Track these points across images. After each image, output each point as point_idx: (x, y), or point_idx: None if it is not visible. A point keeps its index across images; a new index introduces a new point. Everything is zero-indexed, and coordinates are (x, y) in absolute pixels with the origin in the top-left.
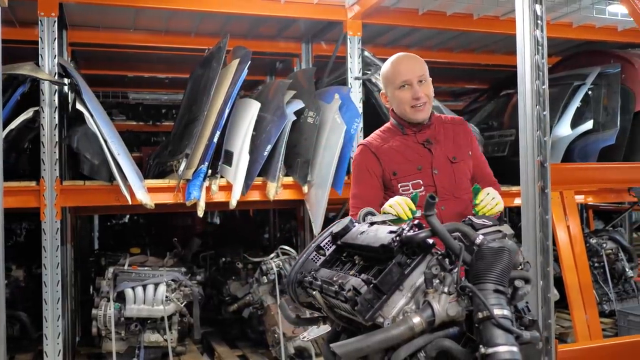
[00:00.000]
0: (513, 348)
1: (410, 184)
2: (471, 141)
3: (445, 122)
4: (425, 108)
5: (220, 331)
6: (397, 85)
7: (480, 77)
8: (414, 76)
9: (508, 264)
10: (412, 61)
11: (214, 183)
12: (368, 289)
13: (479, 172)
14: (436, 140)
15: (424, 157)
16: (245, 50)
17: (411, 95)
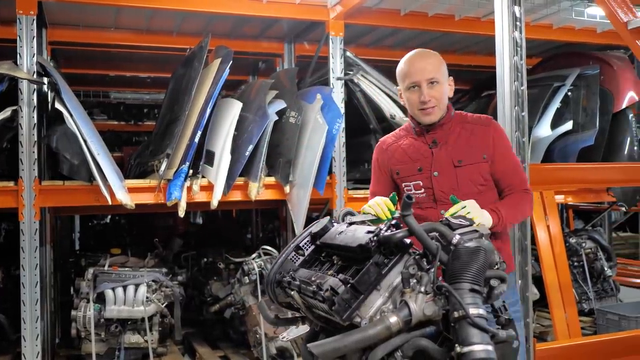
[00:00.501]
0: (488, 347)
1: (412, 185)
2: (493, 145)
3: (465, 122)
4: (434, 111)
5: (202, 332)
6: (406, 85)
7: (463, 78)
8: (423, 78)
9: (484, 264)
10: (425, 62)
11: (195, 183)
12: (345, 288)
13: (502, 179)
14: (445, 141)
15: (427, 159)
16: (226, 50)
17: (418, 98)
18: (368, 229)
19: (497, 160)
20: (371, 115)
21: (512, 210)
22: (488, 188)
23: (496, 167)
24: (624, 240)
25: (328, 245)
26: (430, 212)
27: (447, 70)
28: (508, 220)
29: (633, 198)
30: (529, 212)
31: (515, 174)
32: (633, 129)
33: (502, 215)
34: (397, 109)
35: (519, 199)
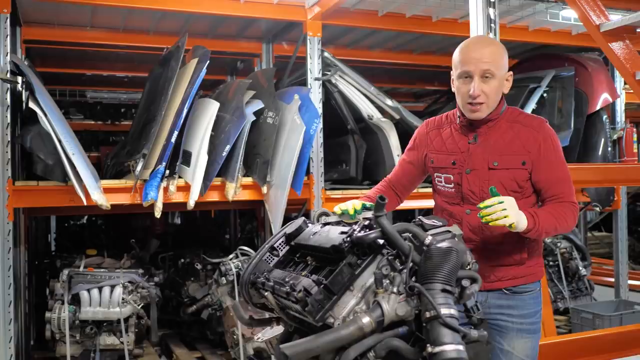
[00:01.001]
0: (459, 347)
1: (443, 177)
2: (538, 150)
3: (515, 121)
4: (482, 109)
5: (179, 333)
6: (459, 73)
7: (441, 79)
8: (478, 68)
9: (455, 264)
10: (483, 50)
11: (171, 183)
12: (318, 289)
13: (545, 189)
14: (486, 138)
15: (463, 154)
16: (204, 49)
17: (468, 91)
18: (342, 229)
19: (542, 168)
20: (349, 116)
21: (551, 219)
22: (522, 196)
23: (540, 176)
24: (598, 240)
25: (302, 246)
26: (456, 209)
27: (507, 65)
28: (544, 228)
29: (607, 198)
30: (572, 225)
31: (561, 185)
32: (607, 130)
33: (539, 222)
34: (375, 110)
35: (562, 209)
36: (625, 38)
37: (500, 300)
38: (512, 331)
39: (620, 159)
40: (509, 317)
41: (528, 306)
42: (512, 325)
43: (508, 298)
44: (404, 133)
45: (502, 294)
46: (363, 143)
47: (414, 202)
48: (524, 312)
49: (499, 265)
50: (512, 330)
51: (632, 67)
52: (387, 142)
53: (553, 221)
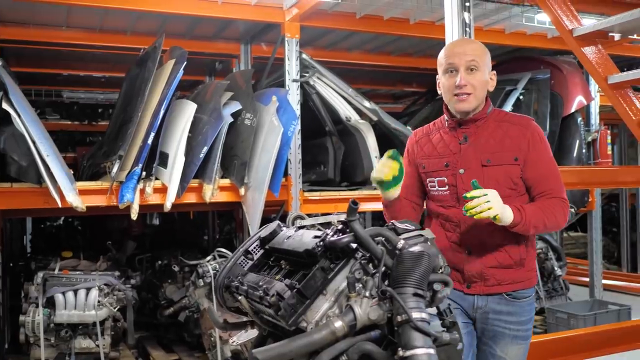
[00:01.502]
0: (430, 350)
1: (436, 181)
2: (527, 147)
3: (503, 120)
4: (469, 99)
5: (156, 335)
6: (444, 69)
7: (419, 81)
8: (462, 61)
9: (427, 268)
10: (466, 45)
11: (148, 185)
12: (291, 294)
13: (534, 185)
14: (476, 138)
15: (454, 155)
16: (181, 50)
17: (454, 83)
18: (315, 233)
19: (531, 164)
20: (327, 117)
21: (539, 214)
22: (517, 193)
23: (529, 172)
24: (574, 240)
25: (276, 250)
26: (453, 211)
27: (490, 64)
28: (532, 222)
29: (582, 200)
30: (562, 221)
31: (550, 181)
32: (581, 132)
33: (526, 216)
34: (353, 111)
35: (551, 205)
36: (597, 43)
37: (499, 306)
38: (507, 337)
39: (595, 160)
40: (506, 323)
41: (525, 313)
42: (508, 332)
43: (507, 304)
44: (382, 135)
45: (502, 299)
46: (341, 145)
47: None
48: (521, 319)
49: (499, 266)
50: (507, 336)
51: (604, 71)
52: (365, 144)
53: (541, 215)
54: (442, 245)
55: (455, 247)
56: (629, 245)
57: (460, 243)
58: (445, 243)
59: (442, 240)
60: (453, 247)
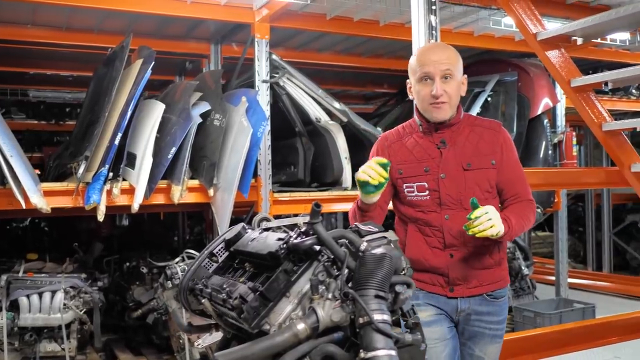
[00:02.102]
0: (391, 352)
1: (415, 186)
2: (501, 150)
3: (475, 125)
4: (444, 107)
5: (124, 338)
6: (418, 77)
7: (390, 82)
8: (437, 70)
9: (389, 270)
10: (440, 53)
11: (115, 186)
12: (254, 296)
13: (507, 188)
14: (453, 142)
15: (434, 159)
16: (149, 50)
17: (430, 92)
18: (279, 236)
19: (504, 168)
20: (297, 118)
21: (519, 220)
22: (491, 196)
23: (502, 176)
24: (542, 239)
25: (241, 252)
26: (433, 216)
27: (462, 69)
28: (515, 230)
29: (548, 200)
30: (533, 221)
31: (520, 184)
32: (548, 133)
33: (513, 226)
34: (323, 112)
35: (524, 209)
36: (560, 46)
37: (480, 307)
38: (487, 337)
39: (560, 161)
40: (487, 323)
41: (502, 312)
42: (488, 332)
43: (488, 304)
44: (352, 136)
45: (483, 300)
46: (311, 145)
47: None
48: (499, 318)
49: (481, 268)
50: (487, 336)
51: (567, 74)
52: (335, 145)
53: (521, 222)
54: (422, 251)
55: (437, 252)
56: (594, 244)
57: (443, 247)
58: (424, 248)
59: (421, 245)
60: (435, 252)
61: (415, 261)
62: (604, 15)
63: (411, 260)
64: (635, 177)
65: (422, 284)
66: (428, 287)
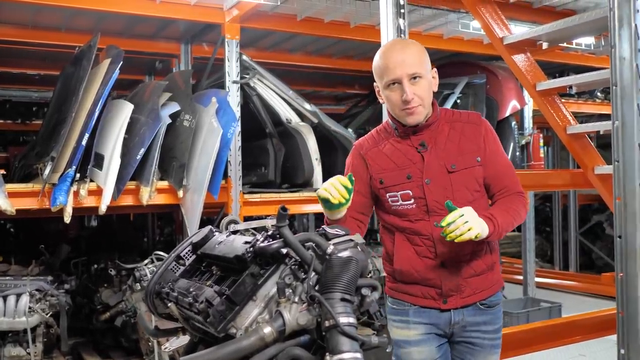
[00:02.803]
0: (357, 355)
1: (399, 195)
2: (485, 145)
3: (454, 121)
4: (418, 111)
5: (92, 341)
6: (385, 83)
7: (361, 83)
8: (404, 74)
9: (355, 273)
10: (405, 54)
11: (82, 187)
12: (220, 300)
13: (494, 183)
14: (434, 143)
15: (416, 164)
16: (117, 50)
17: (400, 97)
18: (246, 239)
19: (489, 161)
20: (267, 119)
21: (507, 217)
22: (481, 195)
23: (488, 170)
24: (510, 239)
25: (208, 256)
26: (422, 224)
27: (429, 63)
28: (504, 228)
29: None
30: (524, 215)
31: (508, 175)
32: (515, 135)
33: (499, 223)
34: (293, 114)
35: (513, 203)
36: (526, 51)
37: (475, 317)
38: (486, 348)
39: (528, 163)
40: (484, 334)
41: (498, 320)
42: (487, 342)
43: (483, 313)
44: (323, 137)
45: (477, 309)
46: (281, 146)
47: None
48: (496, 327)
49: (474, 275)
50: (486, 347)
51: (533, 78)
52: (306, 146)
53: (509, 218)
54: (412, 261)
55: (428, 262)
56: (561, 244)
57: (434, 256)
58: (414, 259)
59: (410, 255)
60: (426, 262)
61: (405, 273)
62: (568, 21)
63: (401, 272)
64: (599, 179)
65: (413, 298)
66: (419, 300)
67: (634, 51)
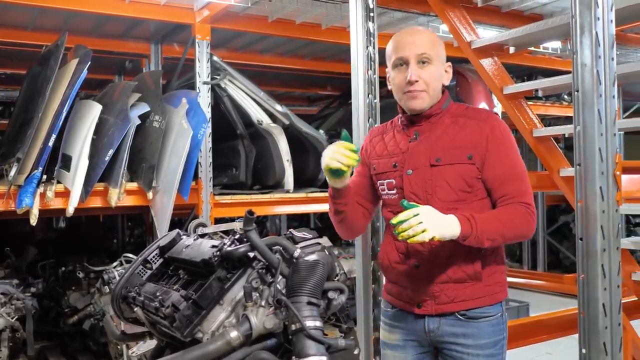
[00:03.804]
0: (323, 358)
1: (385, 183)
2: (487, 144)
3: (459, 115)
4: (421, 96)
5: (60, 345)
6: (393, 62)
7: (333, 84)
8: (413, 53)
9: (321, 277)
10: (416, 35)
11: (49, 189)
12: (187, 304)
13: (494, 188)
14: (428, 135)
15: (404, 154)
16: (85, 49)
17: (404, 79)
18: (213, 243)
19: (490, 163)
20: (238, 121)
21: (494, 224)
22: (474, 197)
23: (487, 173)
24: None
25: (175, 259)
26: None
27: (444, 55)
28: (485, 234)
29: None
30: (525, 230)
31: (511, 183)
32: None
33: (477, 227)
34: (265, 115)
35: (510, 211)
36: (494, 55)
37: (454, 328)
38: None
39: None
40: (464, 347)
41: (485, 335)
42: (468, 357)
43: (462, 325)
44: (294, 138)
45: (456, 319)
46: (253, 148)
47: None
48: (480, 342)
49: (449, 281)
50: None
51: (500, 82)
52: (277, 147)
53: (497, 225)
54: (390, 257)
55: (403, 259)
56: (530, 244)
57: (408, 255)
58: (394, 256)
59: (391, 252)
60: (402, 258)
61: (384, 267)
62: (534, 26)
63: (381, 267)
64: (564, 181)
65: (393, 299)
66: (398, 302)
67: (594, 58)
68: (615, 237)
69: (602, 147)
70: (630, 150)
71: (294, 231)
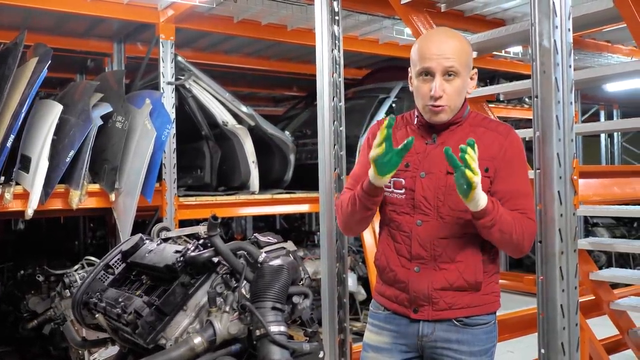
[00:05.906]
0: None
1: (392, 181)
2: (503, 157)
3: (478, 125)
4: (444, 111)
5: (18, 350)
6: (418, 70)
7: (299, 85)
8: (440, 65)
9: (286, 282)
10: (445, 45)
11: (7, 191)
12: (150, 311)
13: (503, 202)
14: (445, 140)
15: (419, 154)
16: (45, 48)
17: (428, 91)
18: (176, 248)
19: (503, 177)
20: (203, 122)
21: (510, 220)
22: None
23: (499, 186)
24: None
25: (138, 264)
26: (405, 219)
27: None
28: (500, 221)
29: None
30: (526, 243)
31: (523, 198)
32: None
33: (499, 211)
34: (230, 116)
35: (522, 220)
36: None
37: (448, 333)
38: None
39: None
40: (456, 353)
41: (479, 342)
42: None
43: (458, 331)
44: (259, 139)
45: (452, 325)
46: (218, 149)
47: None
48: (474, 349)
49: (449, 288)
50: None
51: None
52: (242, 148)
53: (512, 222)
54: (389, 259)
55: (403, 262)
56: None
57: (409, 258)
58: (393, 257)
59: (389, 253)
60: (402, 262)
61: (381, 269)
62: (495, 32)
63: (378, 268)
64: None
65: (387, 301)
66: (392, 305)
67: (553, 65)
68: (572, 240)
69: (560, 152)
70: (588, 152)
71: (259, 235)
